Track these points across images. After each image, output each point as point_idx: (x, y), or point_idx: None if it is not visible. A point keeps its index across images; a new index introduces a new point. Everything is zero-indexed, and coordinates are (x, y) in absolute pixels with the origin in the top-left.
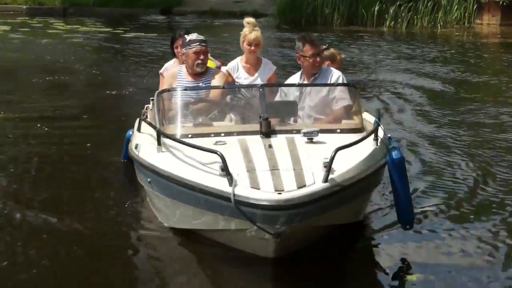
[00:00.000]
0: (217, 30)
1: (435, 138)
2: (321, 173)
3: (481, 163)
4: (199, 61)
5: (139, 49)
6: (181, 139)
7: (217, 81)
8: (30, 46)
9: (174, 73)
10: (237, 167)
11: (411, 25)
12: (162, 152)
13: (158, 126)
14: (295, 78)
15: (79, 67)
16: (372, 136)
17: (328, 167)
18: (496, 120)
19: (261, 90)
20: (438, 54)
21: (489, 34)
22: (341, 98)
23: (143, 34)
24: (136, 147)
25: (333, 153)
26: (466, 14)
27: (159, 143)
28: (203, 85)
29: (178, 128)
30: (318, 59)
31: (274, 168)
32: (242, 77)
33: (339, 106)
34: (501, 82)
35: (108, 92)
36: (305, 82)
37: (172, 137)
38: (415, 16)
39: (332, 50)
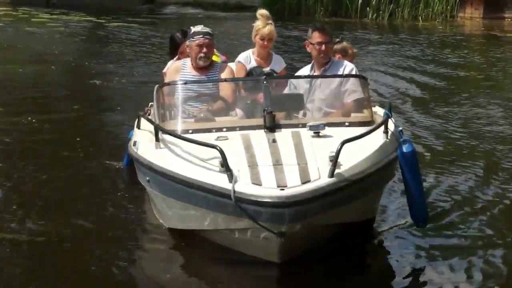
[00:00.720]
0: (202, 22)
1: (441, 132)
2: (327, 167)
3: (494, 157)
4: (202, 54)
5: (127, 40)
6: (178, 134)
7: (225, 77)
8: (17, 36)
9: (178, 67)
10: (238, 163)
11: (393, 17)
12: (160, 148)
13: (157, 121)
14: (306, 70)
15: (67, 57)
16: (382, 129)
17: (334, 161)
18: (496, 113)
19: (264, 82)
20: (421, 47)
21: (472, 27)
22: (353, 91)
23: (126, 24)
24: (135, 145)
25: (339, 146)
26: (449, 7)
27: (157, 139)
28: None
29: (178, 123)
30: (323, 47)
31: (277, 163)
32: None
33: (350, 99)
34: (489, 75)
35: (97, 82)
36: (316, 73)
37: (169, 132)
38: (397, 9)
39: (344, 43)
